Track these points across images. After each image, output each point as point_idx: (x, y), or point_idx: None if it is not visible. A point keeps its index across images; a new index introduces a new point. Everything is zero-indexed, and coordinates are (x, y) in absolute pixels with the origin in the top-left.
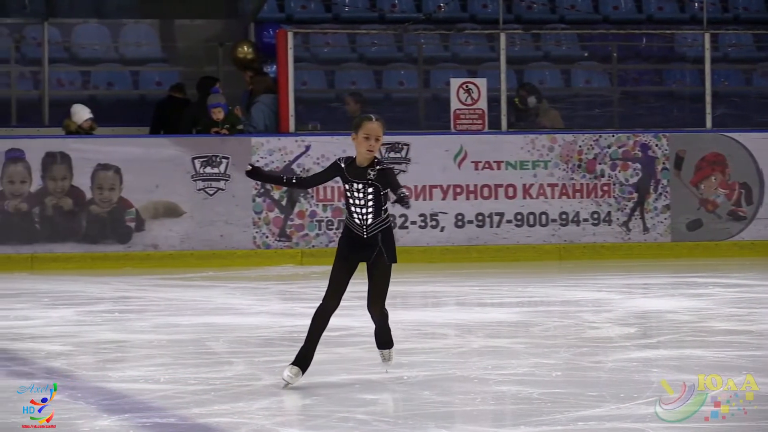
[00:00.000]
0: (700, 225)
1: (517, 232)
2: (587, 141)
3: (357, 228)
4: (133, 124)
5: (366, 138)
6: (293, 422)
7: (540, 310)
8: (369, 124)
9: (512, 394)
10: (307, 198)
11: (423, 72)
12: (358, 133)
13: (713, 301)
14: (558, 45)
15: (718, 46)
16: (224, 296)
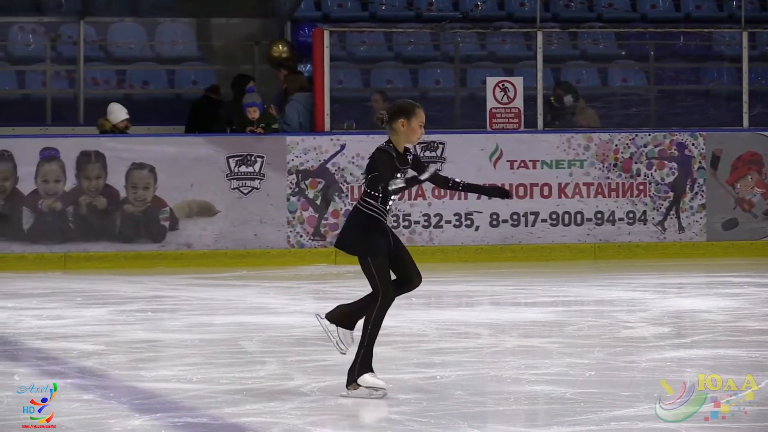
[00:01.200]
0: (736, 224)
1: (552, 231)
2: (623, 140)
3: (383, 215)
4: (168, 123)
5: (420, 126)
6: (326, 422)
7: (574, 310)
8: (421, 113)
9: (545, 393)
10: (341, 197)
11: (459, 71)
12: (410, 121)
13: (748, 301)
14: (595, 43)
15: (755, 45)
16: (257, 296)
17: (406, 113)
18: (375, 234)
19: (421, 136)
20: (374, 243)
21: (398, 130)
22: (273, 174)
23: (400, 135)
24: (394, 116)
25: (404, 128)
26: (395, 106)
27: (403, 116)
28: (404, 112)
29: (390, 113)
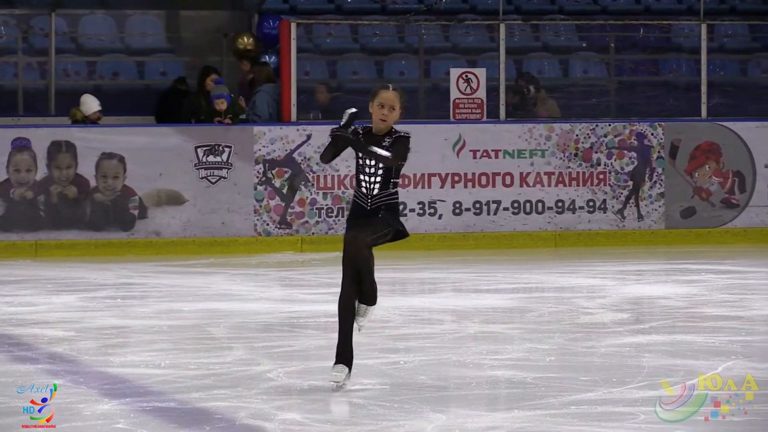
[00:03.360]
0: (694, 212)
1: (514, 219)
2: (584, 130)
3: (362, 198)
4: (137, 113)
5: (380, 106)
6: (291, 406)
7: (535, 296)
8: (383, 93)
9: (506, 378)
10: (307, 186)
11: (423, 62)
12: (373, 102)
13: (705, 288)
14: (556, 35)
15: (714, 37)
16: (225, 282)
17: (372, 96)
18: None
19: (387, 116)
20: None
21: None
22: (240, 163)
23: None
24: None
25: (372, 110)
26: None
27: (371, 100)
28: (371, 96)
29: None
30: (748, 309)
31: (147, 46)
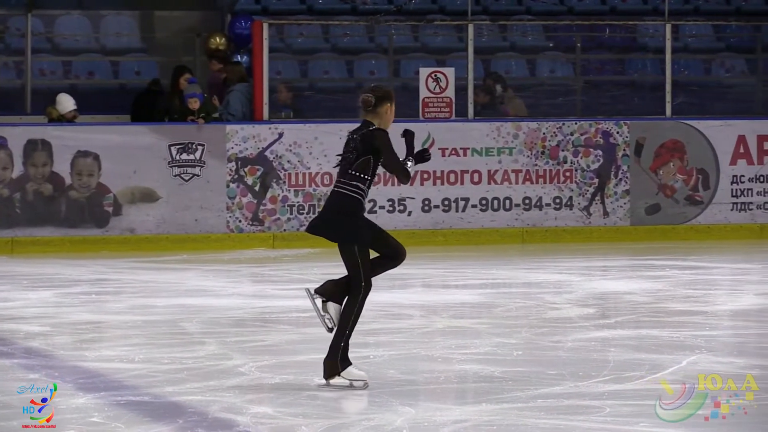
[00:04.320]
0: (659, 209)
1: (482, 216)
2: (551, 128)
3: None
4: (112, 112)
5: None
6: (263, 400)
7: (502, 292)
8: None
9: (474, 372)
10: (279, 184)
11: (393, 62)
12: (393, 106)
13: (670, 283)
14: (524, 36)
15: (678, 37)
16: (198, 278)
17: (390, 99)
18: (362, 221)
19: None
20: (362, 231)
21: (382, 114)
22: (213, 161)
23: (383, 119)
24: (381, 101)
25: (388, 114)
26: (383, 91)
27: (388, 101)
28: (390, 98)
29: (378, 98)
30: (711, 304)
31: (122, 46)
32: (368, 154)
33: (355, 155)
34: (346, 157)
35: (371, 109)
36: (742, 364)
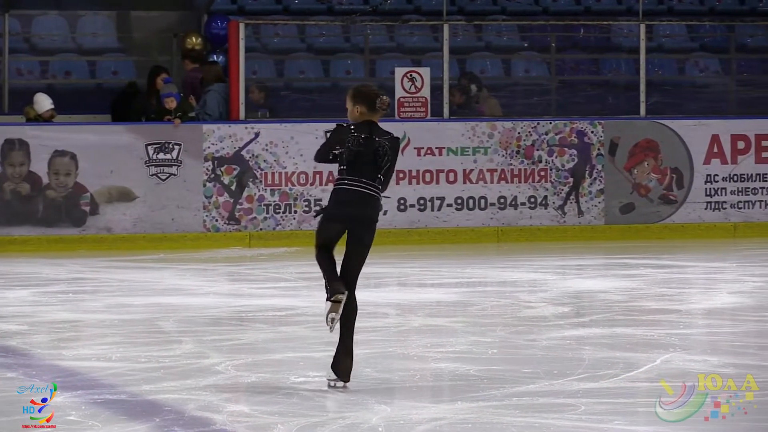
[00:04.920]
0: (633, 208)
1: (457, 215)
2: (526, 128)
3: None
4: (89, 111)
5: None
6: (239, 398)
7: (478, 291)
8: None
9: (450, 371)
10: (255, 183)
11: (369, 61)
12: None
13: (644, 282)
14: (499, 36)
15: (652, 37)
16: (174, 277)
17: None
18: None
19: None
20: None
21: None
22: (190, 161)
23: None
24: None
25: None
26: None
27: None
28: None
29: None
30: (685, 303)
31: (98, 46)
32: (395, 161)
33: (387, 162)
34: (377, 161)
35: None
36: (716, 363)
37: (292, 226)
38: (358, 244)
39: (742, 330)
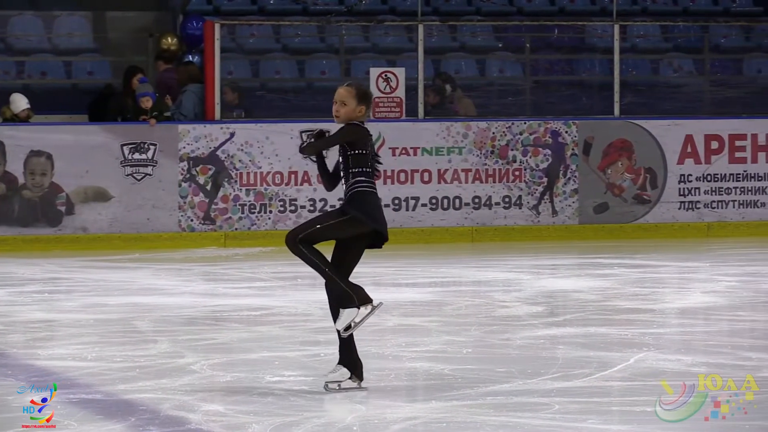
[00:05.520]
0: (607, 208)
1: (432, 215)
2: (500, 128)
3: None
4: (65, 112)
5: (334, 102)
6: (214, 398)
7: (452, 290)
8: (337, 90)
9: (425, 370)
10: (230, 183)
11: (344, 62)
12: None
13: (617, 281)
14: (473, 36)
15: (626, 37)
16: (150, 277)
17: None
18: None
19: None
20: None
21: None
22: (165, 161)
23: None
24: None
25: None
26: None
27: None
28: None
29: None
30: (659, 302)
31: (74, 46)
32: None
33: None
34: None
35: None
36: (690, 362)
37: (267, 226)
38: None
39: (715, 329)
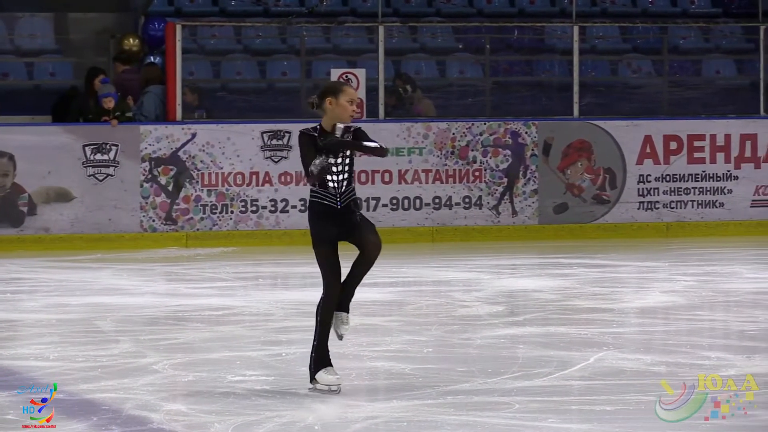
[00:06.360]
0: (566, 208)
1: (393, 215)
2: (460, 129)
3: (330, 198)
4: (27, 112)
5: (351, 102)
6: (176, 397)
7: (413, 290)
8: (350, 90)
9: (386, 369)
10: (192, 183)
11: (305, 63)
12: (338, 98)
13: (577, 281)
14: (434, 37)
15: (586, 38)
16: (112, 277)
17: (333, 92)
18: (321, 222)
19: (353, 113)
20: (316, 232)
21: (327, 109)
22: (127, 161)
23: (328, 114)
24: (322, 97)
25: (332, 106)
26: (323, 87)
27: (330, 95)
28: (331, 92)
29: (319, 95)
30: (618, 302)
31: (36, 47)
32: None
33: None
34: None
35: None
36: (649, 361)
37: (228, 227)
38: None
39: (674, 329)
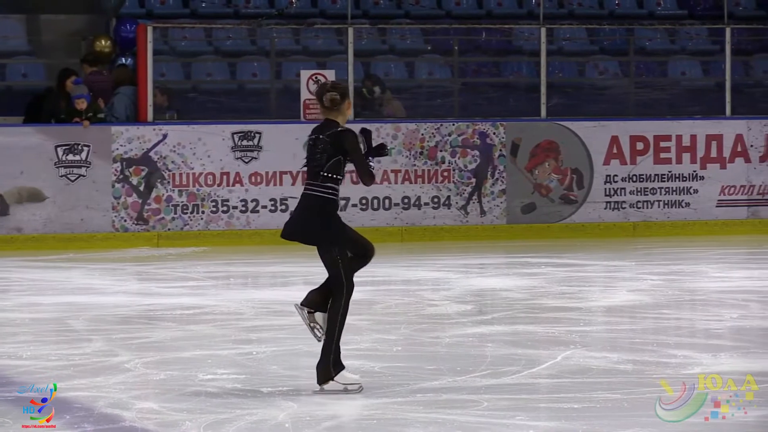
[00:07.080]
0: (534, 208)
1: (362, 215)
2: (429, 129)
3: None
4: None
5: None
6: (148, 396)
7: (382, 289)
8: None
9: (355, 368)
10: (163, 184)
11: (275, 64)
12: (345, 102)
13: (545, 280)
14: (403, 39)
15: (553, 40)
16: (84, 277)
17: (349, 95)
18: (339, 222)
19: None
20: (341, 232)
21: (344, 111)
22: (99, 162)
23: (343, 114)
24: (344, 98)
25: (348, 110)
26: (342, 87)
27: (348, 98)
28: (348, 94)
29: (340, 95)
30: (585, 300)
31: (8, 49)
32: (339, 155)
33: (326, 157)
34: (315, 159)
35: (338, 107)
36: (616, 359)
37: (199, 227)
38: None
39: (640, 327)
